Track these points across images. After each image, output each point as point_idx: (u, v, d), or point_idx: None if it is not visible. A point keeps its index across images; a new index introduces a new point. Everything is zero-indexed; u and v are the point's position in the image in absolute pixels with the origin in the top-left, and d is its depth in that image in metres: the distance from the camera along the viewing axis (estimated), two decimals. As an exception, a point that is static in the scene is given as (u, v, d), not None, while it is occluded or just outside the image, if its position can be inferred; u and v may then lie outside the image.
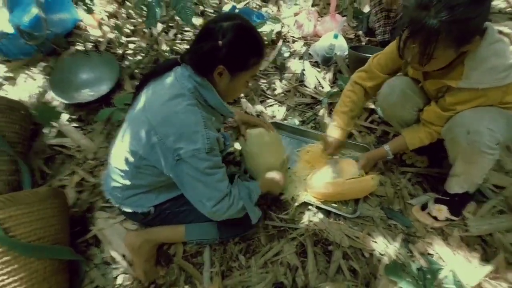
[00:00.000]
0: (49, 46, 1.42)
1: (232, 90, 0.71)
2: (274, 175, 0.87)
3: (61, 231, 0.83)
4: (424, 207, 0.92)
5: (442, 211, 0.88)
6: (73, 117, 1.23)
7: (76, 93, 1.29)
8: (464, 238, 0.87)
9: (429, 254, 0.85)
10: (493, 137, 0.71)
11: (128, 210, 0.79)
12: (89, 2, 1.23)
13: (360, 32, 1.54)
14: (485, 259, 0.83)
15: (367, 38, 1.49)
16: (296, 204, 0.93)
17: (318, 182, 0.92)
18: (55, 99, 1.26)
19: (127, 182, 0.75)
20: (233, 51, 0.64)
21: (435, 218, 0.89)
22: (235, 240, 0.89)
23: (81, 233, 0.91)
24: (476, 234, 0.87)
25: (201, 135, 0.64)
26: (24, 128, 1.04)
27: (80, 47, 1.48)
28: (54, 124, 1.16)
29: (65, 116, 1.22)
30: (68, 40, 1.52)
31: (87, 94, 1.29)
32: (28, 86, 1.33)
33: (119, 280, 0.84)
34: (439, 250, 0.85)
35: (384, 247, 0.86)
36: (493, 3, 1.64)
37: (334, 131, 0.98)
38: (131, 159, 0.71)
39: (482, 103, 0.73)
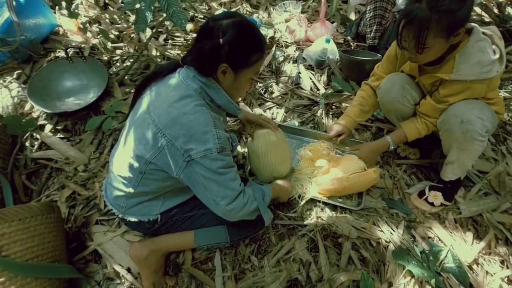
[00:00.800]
0: (24, 53, 1.42)
1: (236, 88, 0.76)
2: (283, 182, 0.95)
3: (59, 247, 0.83)
4: (420, 194, 1.06)
5: (437, 198, 1.03)
6: (58, 127, 1.23)
7: (59, 102, 1.29)
8: (458, 220, 1.02)
9: (429, 237, 0.98)
10: (483, 126, 0.86)
11: (133, 219, 0.80)
12: (66, 6, 1.26)
13: (349, 38, 1.74)
14: (478, 237, 0.98)
15: (356, 43, 1.70)
16: (303, 202, 1.02)
17: (323, 179, 1.03)
18: (36, 109, 1.25)
19: (131, 190, 0.76)
20: (235, 49, 0.68)
21: (431, 204, 1.03)
22: (245, 242, 0.95)
23: (78, 250, 0.91)
24: (468, 216, 1.02)
25: (212, 135, 0.68)
26: (5, 142, 1.03)
27: (60, 53, 1.49)
28: (36, 135, 1.14)
29: (48, 127, 1.22)
30: (45, 47, 1.52)
31: (72, 103, 1.29)
32: (2, 96, 1.31)
33: (125, 296, 0.85)
34: (438, 233, 0.99)
35: (389, 234, 0.97)
36: None
37: (342, 119, 1.11)
38: (136, 164, 0.73)
39: (470, 95, 0.88)
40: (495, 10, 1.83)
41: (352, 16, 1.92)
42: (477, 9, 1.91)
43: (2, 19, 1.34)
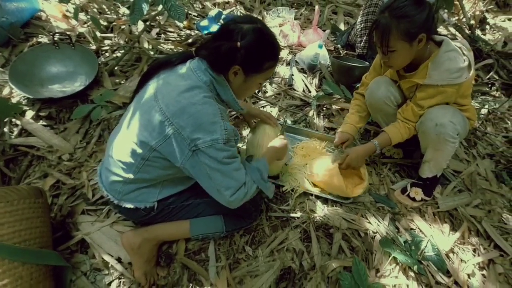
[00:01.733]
0: (4, 36, 1.45)
1: (244, 89, 0.85)
2: (276, 142, 1.05)
3: (46, 234, 0.86)
4: (403, 190, 1.25)
5: (418, 193, 1.23)
6: (41, 114, 1.26)
7: (42, 88, 1.33)
8: (436, 214, 1.22)
9: (411, 229, 1.16)
10: (454, 129, 1.06)
11: (129, 206, 0.84)
12: None
13: (339, 46, 2.01)
14: (453, 229, 1.18)
15: (345, 51, 1.96)
16: (296, 195, 1.15)
17: (316, 169, 1.16)
18: (16, 94, 1.27)
19: (131, 176, 0.81)
20: (250, 54, 0.76)
21: (413, 199, 1.22)
22: (239, 233, 1.04)
23: (62, 240, 0.94)
24: (445, 210, 1.23)
25: (219, 126, 0.75)
26: (-18, 125, 1.04)
27: (42, 39, 1.53)
28: (16, 121, 1.17)
29: (29, 113, 1.24)
30: (25, 31, 1.56)
31: (57, 90, 1.34)
32: None
33: (113, 287, 0.89)
34: (419, 225, 1.17)
35: (376, 226, 1.13)
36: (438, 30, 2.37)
37: (344, 127, 1.28)
38: (139, 150, 0.78)
39: (443, 99, 1.07)
40: (467, 31, 2.22)
41: (342, 26, 2.22)
42: (452, 29, 2.32)
43: None
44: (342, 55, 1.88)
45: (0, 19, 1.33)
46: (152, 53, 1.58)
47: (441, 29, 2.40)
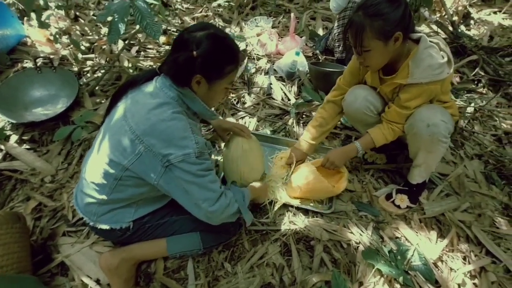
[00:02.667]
0: None
1: (211, 97, 0.87)
2: (259, 184, 1.10)
3: (24, 259, 0.91)
4: (388, 197, 1.25)
5: (403, 200, 1.23)
6: (24, 138, 1.33)
7: (26, 112, 1.40)
8: (422, 220, 1.21)
9: (396, 237, 1.16)
10: (446, 128, 1.05)
11: (105, 227, 0.87)
12: (37, 17, 1.40)
13: (318, 51, 2.04)
14: (441, 235, 1.17)
15: (324, 57, 1.99)
16: (276, 207, 1.17)
17: (295, 187, 1.17)
18: (1, 119, 1.34)
19: (104, 197, 0.84)
20: (208, 61, 0.78)
21: (398, 206, 1.22)
22: (218, 249, 1.07)
23: (43, 263, 0.99)
24: (431, 216, 1.22)
25: (190, 140, 0.77)
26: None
27: (27, 64, 1.61)
28: (1, 146, 1.24)
29: (13, 138, 1.31)
30: (12, 57, 1.65)
31: (40, 113, 1.41)
32: None
33: (92, 309, 0.92)
34: (405, 233, 1.17)
35: (359, 236, 1.14)
36: (419, 28, 2.40)
37: (301, 143, 1.29)
38: (112, 171, 0.81)
39: (428, 97, 1.06)
40: (450, 28, 2.22)
41: (320, 32, 2.27)
42: (434, 27, 2.32)
43: None
44: (320, 60, 1.91)
45: None
46: (131, 71, 1.65)
47: (423, 27, 2.42)
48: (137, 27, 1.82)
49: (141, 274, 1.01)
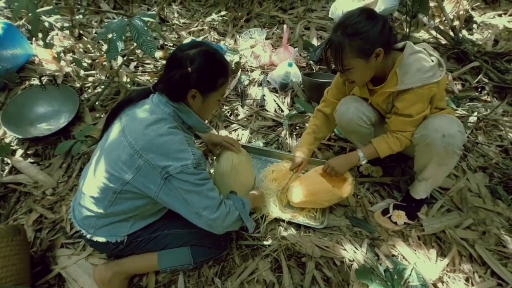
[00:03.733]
0: (0, 82, 1.69)
1: (205, 109, 0.96)
2: (256, 192, 1.16)
3: (23, 271, 0.98)
4: (384, 212, 1.25)
5: (401, 217, 1.22)
6: (29, 152, 1.45)
7: (31, 128, 1.52)
8: (421, 237, 1.20)
9: (393, 255, 1.15)
10: (462, 138, 1.05)
11: (102, 239, 0.93)
12: (42, 38, 1.54)
13: (311, 61, 2.08)
14: (442, 254, 1.15)
15: (318, 67, 2.03)
16: (267, 222, 1.20)
17: (297, 192, 1.19)
18: (8, 135, 1.47)
19: (103, 210, 0.90)
20: (202, 75, 0.86)
21: (395, 223, 1.21)
22: (209, 264, 1.11)
23: (42, 274, 1.07)
24: (431, 233, 1.21)
25: (187, 152, 0.84)
26: (-25, 167, 1.22)
27: (34, 81, 1.75)
28: (7, 160, 1.35)
29: (19, 152, 1.43)
30: (20, 75, 1.81)
31: (44, 128, 1.53)
32: None
33: (85, 321, 0.99)
34: (402, 250, 1.16)
35: (353, 253, 1.14)
36: (418, 35, 2.40)
37: (298, 150, 1.33)
38: (111, 185, 0.87)
39: (427, 102, 1.05)
40: (451, 33, 2.20)
41: (314, 41, 2.31)
42: (433, 32, 2.31)
43: None
44: (314, 71, 1.95)
45: None
46: (129, 86, 1.77)
47: (421, 33, 2.41)
48: (135, 44, 1.95)
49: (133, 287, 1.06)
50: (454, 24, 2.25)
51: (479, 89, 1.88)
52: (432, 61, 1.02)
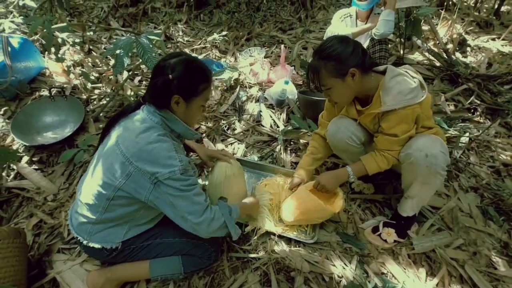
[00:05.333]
0: (12, 92, 1.85)
1: (190, 115, 1.04)
2: (250, 200, 1.25)
3: (20, 273, 1.06)
4: (374, 230, 1.31)
5: (391, 235, 1.27)
6: (34, 159, 1.56)
7: (38, 136, 1.65)
8: (411, 256, 1.25)
9: (382, 273, 1.19)
10: (445, 160, 1.12)
11: (96, 246, 1.00)
12: (55, 52, 1.71)
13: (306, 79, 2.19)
14: (432, 273, 1.19)
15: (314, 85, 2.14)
16: (258, 235, 1.26)
17: (289, 211, 1.26)
18: (16, 142, 1.59)
19: (98, 216, 0.98)
20: (183, 81, 0.95)
21: (385, 240, 1.27)
22: (199, 275, 1.17)
23: (38, 278, 1.14)
24: (421, 251, 1.25)
25: (175, 159, 0.92)
26: (-17, 172, 1.33)
27: (44, 92, 1.90)
28: (13, 166, 1.46)
29: (25, 159, 1.55)
30: (31, 86, 1.97)
31: (50, 137, 1.66)
32: None
33: (76, 326, 1.04)
34: (391, 268, 1.20)
35: (342, 269, 1.19)
36: (412, 56, 2.54)
37: (297, 171, 1.42)
38: (104, 192, 0.95)
39: (411, 121, 1.13)
40: (444, 55, 2.32)
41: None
42: (427, 54, 2.44)
43: None
44: (309, 89, 2.06)
45: (9, 78, 1.72)
46: (132, 99, 1.91)
47: (416, 55, 2.54)
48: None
49: (124, 295, 1.12)
50: (448, 47, 2.38)
51: (472, 110, 1.96)
52: (414, 82, 1.11)
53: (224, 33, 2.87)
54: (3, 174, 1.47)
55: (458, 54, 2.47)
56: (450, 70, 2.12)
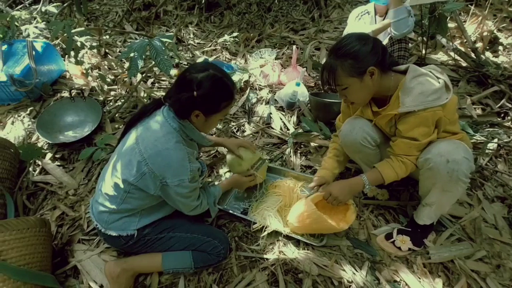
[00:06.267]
0: (37, 93, 2.24)
1: (207, 127, 1.27)
2: (239, 177, 1.56)
3: (46, 259, 1.31)
4: (388, 236, 1.42)
5: (405, 242, 1.38)
6: (57, 156, 1.89)
7: (60, 134, 1.99)
8: (427, 265, 1.35)
9: (395, 281, 1.31)
10: (469, 166, 1.15)
11: (113, 233, 1.24)
12: (74, 55, 2.04)
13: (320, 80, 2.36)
14: (449, 284, 1.29)
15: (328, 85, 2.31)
16: (265, 234, 1.43)
17: (293, 216, 1.41)
18: (40, 140, 1.92)
19: (115, 207, 1.22)
20: (206, 100, 1.13)
21: (399, 248, 1.38)
22: (208, 271, 1.37)
23: (60, 265, 1.40)
24: (438, 261, 1.35)
25: (186, 168, 1.15)
26: (13, 166, 1.66)
27: (65, 94, 2.27)
28: (38, 162, 1.78)
29: (48, 155, 1.87)
30: (53, 88, 2.36)
31: (70, 135, 1.99)
32: (15, 128, 2.05)
33: (94, 310, 1.28)
34: (405, 277, 1.31)
35: (351, 275, 1.32)
36: (436, 56, 2.62)
37: (320, 171, 1.52)
38: (122, 185, 1.19)
39: (432, 125, 1.18)
40: (472, 55, 2.38)
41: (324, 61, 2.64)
42: (452, 54, 2.51)
43: (22, 65, 2.19)
44: (322, 91, 2.21)
45: (34, 80, 2.07)
46: (145, 100, 2.22)
47: (439, 55, 2.63)
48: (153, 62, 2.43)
49: (138, 286, 1.34)
50: (476, 45, 2.44)
51: (502, 115, 2.03)
52: (439, 83, 1.16)
53: (234, 34, 3.16)
54: (30, 169, 1.80)
55: (488, 54, 2.53)
56: (479, 71, 2.20)
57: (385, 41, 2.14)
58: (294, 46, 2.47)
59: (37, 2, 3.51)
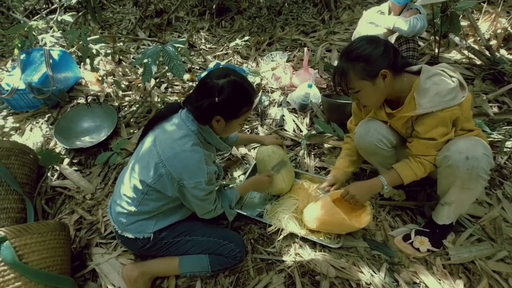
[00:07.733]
0: (54, 100, 2.25)
1: (227, 132, 1.24)
2: (260, 177, 1.50)
3: (66, 262, 1.30)
4: (405, 238, 1.37)
5: (424, 243, 1.33)
6: (74, 161, 1.89)
7: (77, 140, 1.99)
8: (447, 267, 1.30)
9: (414, 283, 1.26)
10: (489, 162, 1.12)
11: (130, 235, 1.22)
12: (90, 62, 2.06)
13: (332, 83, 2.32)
14: (470, 286, 1.24)
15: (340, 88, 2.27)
16: (282, 236, 1.40)
17: (310, 214, 1.38)
18: (58, 145, 1.93)
19: (133, 209, 1.20)
20: (228, 105, 1.11)
21: (417, 249, 1.33)
22: (225, 273, 1.34)
23: (79, 268, 1.38)
24: (458, 262, 1.30)
25: (203, 170, 1.13)
26: (32, 171, 1.65)
27: (81, 100, 2.28)
28: (56, 167, 1.78)
29: (66, 161, 1.87)
30: (70, 95, 2.37)
31: (87, 141, 1.99)
32: (33, 135, 2.07)
33: (112, 313, 1.26)
34: (424, 279, 1.26)
35: (370, 276, 1.28)
36: (449, 55, 2.56)
37: (332, 170, 1.52)
38: (140, 187, 1.18)
39: (449, 124, 1.15)
40: (486, 53, 2.31)
41: (336, 63, 2.57)
42: (466, 52, 2.44)
43: (40, 73, 2.21)
44: (336, 92, 2.17)
45: (52, 88, 2.09)
46: (159, 105, 2.22)
47: (453, 54, 2.55)
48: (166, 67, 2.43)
49: (155, 289, 1.32)
50: (490, 43, 2.38)
51: None
52: (453, 82, 1.13)
53: (245, 38, 3.16)
54: (48, 174, 1.80)
55: (503, 51, 2.45)
56: (494, 69, 2.14)
57: (392, 42, 2.08)
58: (306, 49, 2.43)
59: (53, 12, 3.58)
